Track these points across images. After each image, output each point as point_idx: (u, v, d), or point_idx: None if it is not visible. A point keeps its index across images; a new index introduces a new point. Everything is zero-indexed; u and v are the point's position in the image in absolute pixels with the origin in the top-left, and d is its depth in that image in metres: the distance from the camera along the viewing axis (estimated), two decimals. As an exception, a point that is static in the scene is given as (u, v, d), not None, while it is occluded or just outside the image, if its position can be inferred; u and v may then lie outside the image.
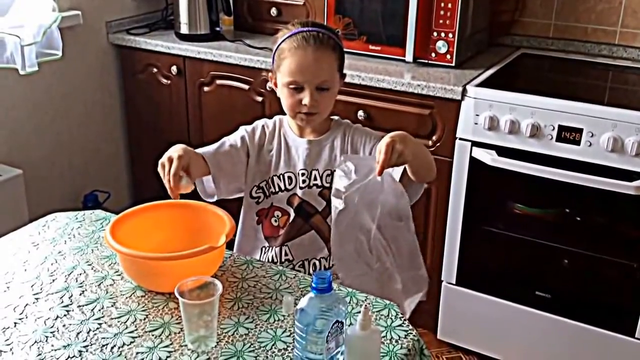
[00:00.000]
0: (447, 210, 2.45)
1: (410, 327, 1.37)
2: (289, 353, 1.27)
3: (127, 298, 1.44)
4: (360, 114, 2.50)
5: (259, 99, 2.76)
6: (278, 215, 1.78)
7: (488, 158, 2.27)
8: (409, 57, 2.55)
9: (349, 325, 1.28)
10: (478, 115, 2.28)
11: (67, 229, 1.73)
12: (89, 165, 3.11)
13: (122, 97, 3.18)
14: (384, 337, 1.32)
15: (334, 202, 1.53)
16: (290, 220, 1.77)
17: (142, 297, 1.44)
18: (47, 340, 1.30)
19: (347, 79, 1.81)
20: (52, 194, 2.91)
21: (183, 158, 1.53)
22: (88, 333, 1.33)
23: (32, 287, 1.48)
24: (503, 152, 2.26)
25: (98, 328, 1.34)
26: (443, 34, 2.48)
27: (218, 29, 2.98)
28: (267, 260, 1.77)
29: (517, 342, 2.48)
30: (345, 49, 1.77)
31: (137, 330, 1.33)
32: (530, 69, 2.71)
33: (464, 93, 2.31)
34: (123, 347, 1.29)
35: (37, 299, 1.43)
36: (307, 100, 1.66)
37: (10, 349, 1.28)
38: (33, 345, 1.29)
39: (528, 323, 2.42)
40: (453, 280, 2.52)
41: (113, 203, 3.08)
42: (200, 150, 1.71)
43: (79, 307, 1.41)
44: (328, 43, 1.68)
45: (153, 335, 1.32)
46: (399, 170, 1.60)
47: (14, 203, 2.47)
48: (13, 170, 2.51)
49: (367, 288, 1.50)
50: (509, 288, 2.45)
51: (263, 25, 3.04)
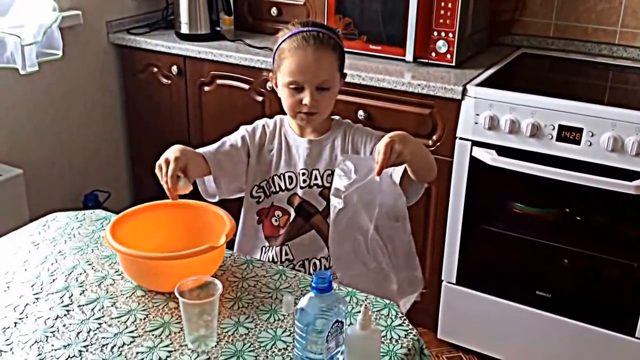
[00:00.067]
0: (447, 210, 2.45)
1: (411, 326, 1.37)
2: (289, 353, 1.27)
3: (127, 298, 1.44)
4: (361, 114, 2.50)
5: (259, 99, 2.76)
6: (278, 215, 1.78)
7: (488, 158, 2.27)
8: (409, 56, 2.55)
9: (349, 325, 1.28)
10: (478, 115, 2.28)
11: (67, 229, 1.73)
12: (89, 165, 3.11)
13: (122, 96, 3.18)
14: (384, 336, 1.32)
15: (333, 201, 1.53)
16: (291, 220, 1.77)
17: (142, 296, 1.45)
18: (47, 340, 1.30)
19: (347, 79, 1.81)
20: (52, 194, 2.91)
21: (180, 159, 1.52)
22: (88, 333, 1.33)
23: (32, 286, 1.48)
24: (503, 151, 2.26)
25: (98, 328, 1.34)
26: (443, 34, 2.48)
27: (218, 29, 2.98)
28: (267, 260, 1.77)
29: (517, 341, 2.48)
30: (346, 49, 1.76)
31: (137, 330, 1.34)
32: (531, 69, 2.71)
33: (464, 93, 2.31)
34: (123, 346, 1.29)
35: (37, 299, 1.43)
36: (307, 100, 1.66)
37: (11, 349, 1.28)
38: (33, 345, 1.29)
39: (528, 323, 2.42)
40: (453, 280, 2.52)
41: (113, 203, 3.09)
42: (201, 150, 1.71)
43: (79, 306, 1.41)
44: (328, 43, 1.68)
45: (153, 335, 1.32)
46: (400, 170, 1.60)
47: (15, 203, 2.47)
48: (13, 170, 2.51)
49: (363, 287, 1.50)
50: (509, 288, 2.45)
51: (263, 25, 3.04)
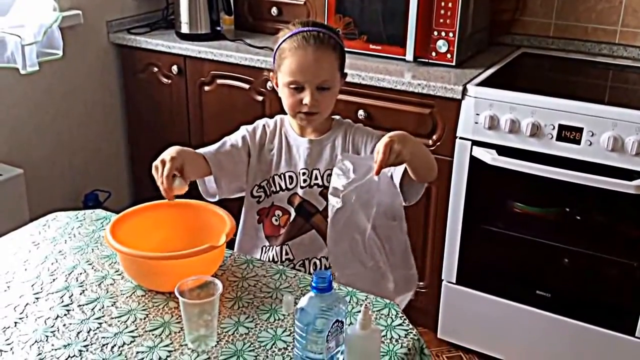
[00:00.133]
0: (447, 210, 2.45)
1: (411, 326, 1.37)
2: (289, 352, 1.28)
3: (127, 297, 1.44)
4: (361, 114, 2.50)
5: (260, 99, 2.76)
6: (279, 215, 1.78)
7: (488, 157, 2.27)
8: (410, 56, 2.55)
9: (349, 325, 1.28)
10: (478, 115, 2.28)
11: (67, 229, 1.73)
12: (90, 165, 3.11)
13: (122, 96, 3.18)
14: (384, 336, 1.33)
15: (331, 200, 1.53)
16: (291, 220, 1.77)
17: (142, 296, 1.45)
18: (47, 340, 1.31)
19: (347, 79, 1.81)
20: (52, 194, 2.91)
21: (176, 160, 1.52)
22: (88, 332, 1.33)
23: (32, 286, 1.48)
24: (503, 151, 2.26)
25: (98, 327, 1.34)
26: (443, 33, 2.48)
27: (219, 29, 2.98)
28: (267, 260, 1.77)
29: (517, 341, 2.49)
30: (346, 49, 1.76)
31: (137, 330, 1.34)
32: (531, 68, 2.71)
33: (465, 92, 2.31)
34: (123, 346, 1.29)
35: (37, 299, 1.43)
36: (307, 100, 1.66)
37: (11, 349, 1.28)
38: (33, 345, 1.29)
39: (528, 322, 2.42)
40: (453, 280, 2.52)
41: (113, 202, 3.09)
42: (201, 150, 1.71)
43: (79, 306, 1.41)
44: (329, 43, 1.68)
45: (153, 335, 1.32)
46: (400, 170, 1.60)
47: (15, 202, 2.47)
48: (14, 170, 2.51)
49: (360, 286, 1.50)
50: (509, 287, 2.45)
51: (264, 25, 3.04)
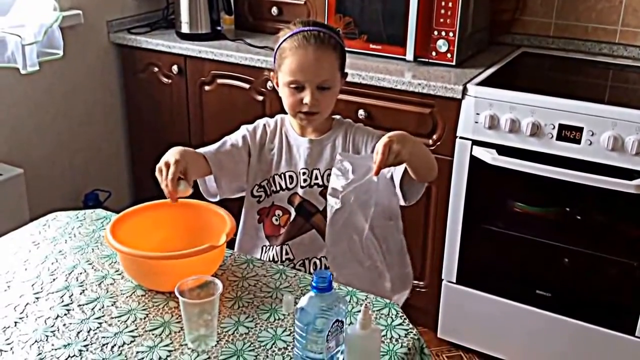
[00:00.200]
0: (447, 209, 2.45)
1: (411, 326, 1.37)
2: (289, 352, 1.28)
3: (127, 297, 1.44)
4: (361, 113, 2.50)
5: (260, 98, 2.76)
6: (279, 214, 1.78)
7: (488, 157, 2.27)
8: (410, 56, 2.55)
9: (349, 325, 1.28)
10: (478, 114, 2.28)
11: (67, 228, 1.73)
12: (90, 165, 3.11)
13: (123, 96, 3.18)
14: (384, 336, 1.33)
15: (330, 201, 1.54)
16: (291, 220, 1.77)
17: (142, 296, 1.45)
18: (47, 340, 1.31)
19: (347, 78, 1.81)
20: (52, 193, 2.91)
21: (180, 162, 1.51)
22: (88, 332, 1.33)
23: (32, 286, 1.48)
24: (503, 150, 2.26)
25: (98, 327, 1.34)
26: (444, 33, 2.48)
27: (219, 28, 2.98)
28: (267, 259, 1.77)
29: (517, 340, 2.49)
30: (346, 48, 1.76)
31: (137, 330, 1.34)
32: (531, 68, 2.71)
33: (465, 92, 2.31)
34: (123, 346, 1.29)
35: (37, 298, 1.44)
36: (308, 100, 1.66)
37: (11, 348, 1.28)
38: (33, 345, 1.29)
39: (528, 322, 2.42)
40: (453, 279, 2.52)
41: (114, 202, 3.09)
42: (202, 150, 1.71)
43: (80, 306, 1.41)
44: (329, 42, 1.68)
45: (153, 335, 1.32)
46: (400, 170, 1.60)
47: (15, 202, 2.47)
48: (14, 170, 2.51)
49: (357, 286, 1.50)
50: (509, 287, 2.45)
51: (264, 25, 3.04)
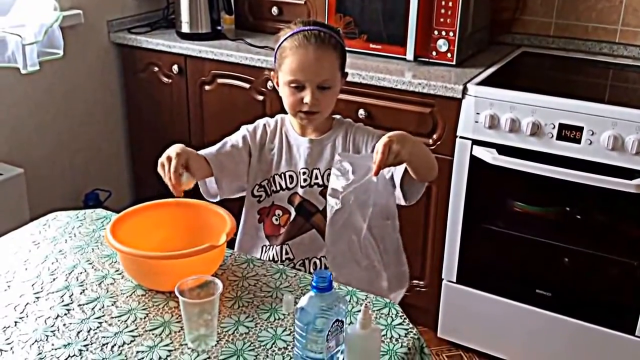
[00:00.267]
0: (447, 209, 2.45)
1: (411, 325, 1.37)
2: (289, 352, 1.28)
3: (127, 297, 1.44)
4: (361, 113, 2.50)
5: (260, 98, 2.76)
6: (279, 214, 1.79)
7: (488, 156, 2.27)
8: (410, 55, 2.55)
9: (349, 324, 1.28)
10: (479, 114, 2.28)
11: (67, 228, 1.73)
12: (90, 164, 3.11)
13: (123, 96, 3.18)
14: (384, 335, 1.33)
15: (330, 201, 1.54)
16: (291, 219, 1.77)
17: (142, 296, 1.45)
18: (47, 339, 1.31)
19: (348, 78, 1.81)
20: (53, 193, 2.91)
21: (182, 155, 1.53)
22: (88, 332, 1.33)
23: (32, 286, 1.48)
24: (503, 150, 2.26)
25: (98, 327, 1.34)
26: (444, 33, 2.48)
27: (219, 28, 2.98)
28: (267, 259, 1.77)
29: (517, 340, 2.49)
30: (346, 48, 1.76)
31: (137, 329, 1.34)
32: (531, 68, 2.71)
33: (465, 91, 2.31)
34: (123, 346, 1.29)
35: (37, 298, 1.44)
36: (308, 99, 1.66)
37: (11, 348, 1.28)
38: (33, 345, 1.29)
39: (528, 321, 2.42)
40: (453, 279, 2.52)
41: (114, 202, 3.09)
42: (202, 152, 1.71)
43: (80, 306, 1.41)
44: (329, 42, 1.68)
45: (153, 334, 1.32)
46: (400, 170, 1.60)
47: (15, 202, 2.47)
48: (14, 169, 2.51)
49: (355, 286, 1.50)
50: (510, 286, 2.45)
51: (264, 24, 3.04)
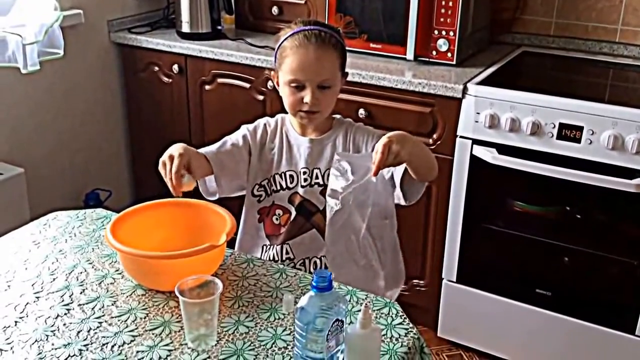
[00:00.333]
0: (447, 208, 2.45)
1: (411, 325, 1.37)
2: (289, 351, 1.28)
3: (127, 297, 1.44)
4: (361, 112, 2.50)
5: (260, 98, 2.76)
6: (279, 214, 1.78)
7: (489, 156, 2.27)
8: (410, 55, 2.55)
9: (349, 324, 1.28)
10: (479, 114, 2.28)
11: (68, 228, 1.73)
12: (90, 164, 3.12)
13: (123, 95, 3.18)
14: (384, 335, 1.33)
15: (330, 202, 1.54)
16: (292, 219, 1.77)
17: (142, 295, 1.45)
18: (47, 339, 1.31)
19: (348, 78, 1.80)
20: (53, 193, 2.91)
21: (184, 156, 1.53)
22: (88, 332, 1.33)
23: (32, 285, 1.48)
24: (504, 150, 2.26)
25: (98, 327, 1.34)
26: (444, 32, 2.48)
27: (219, 28, 2.98)
28: (268, 259, 1.77)
29: (517, 339, 2.49)
30: (346, 48, 1.76)
31: (137, 329, 1.34)
32: (531, 67, 2.71)
33: (465, 91, 2.31)
34: (123, 345, 1.29)
35: (37, 298, 1.44)
36: (308, 99, 1.66)
37: (11, 348, 1.28)
38: (34, 344, 1.29)
39: (528, 321, 2.42)
40: (453, 278, 2.52)
41: (114, 201, 3.09)
42: (202, 150, 1.71)
43: (80, 305, 1.41)
44: (330, 41, 1.68)
45: (153, 334, 1.32)
46: (400, 169, 1.60)
47: (16, 201, 2.47)
48: (14, 169, 2.51)
49: (353, 285, 1.50)
50: (510, 286, 2.45)
51: (264, 24, 3.04)
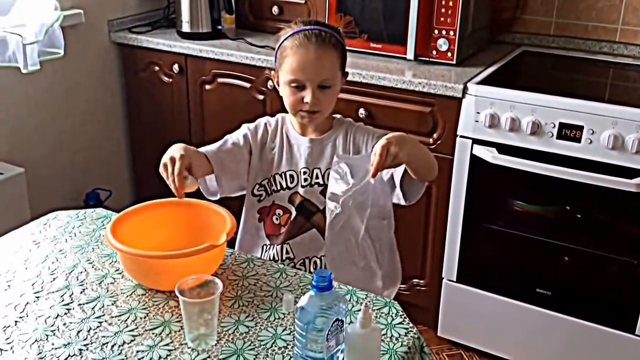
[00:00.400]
0: (447, 208, 2.45)
1: (411, 324, 1.37)
2: (289, 351, 1.28)
3: (127, 296, 1.44)
4: (362, 112, 2.50)
5: (260, 97, 2.76)
6: (279, 214, 1.79)
7: (489, 155, 2.27)
8: (410, 55, 2.55)
9: (349, 324, 1.28)
10: (479, 113, 2.28)
11: (68, 227, 1.73)
12: (91, 164, 3.12)
13: (123, 95, 3.18)
14: (384, 335, 1.33)
15: (329, 205, 1.54)
16: (292, 219, 1.77)
17: (142, 295, 1.45)
18: (47, 339, 1.31)
19: (348, 77, 1.80)
20: (53, 192, 2.91)
21: (185, 157, 1.52)
22: (88, 331, 1.33)
23: (33, 285, 1.48)
24: (504, 149, 2.26)
25: (98, 326, 1.35)
26: (444, 32, 2.48)
27: (220, 27, 2.98)
28: (268, 259, 1.77)
29: (517, 339, 2.49)
30: (347, 47, 1.76)
31: (137, 329, 1.34)
32: (531, 67, 2.71)
33: (465, 91, 2.31)
34: (123, 345, 1.29)
35: (37, 298, 1.44)
36: (308, 99, 1.66)
37: (11, 348, 1.29)
38: (34, 344, 1.29)
39: (528, 320, 2.42)
40: (454, 278, 2.52)
41: (114, 201, 3.09)
42: (203, 149, 1.71)
43: (80, 305, 1.41)
44: (330, 41, 1.68)
45: (153, 334, 1.32)
46: (400, 170, 1.61)
47: (16, 201, 2.47)
48: (15, 169, 2.51)
49: (351, 286, 1.50)
50: (510, 285, 2.45)
51: (264, 24, 3.04)
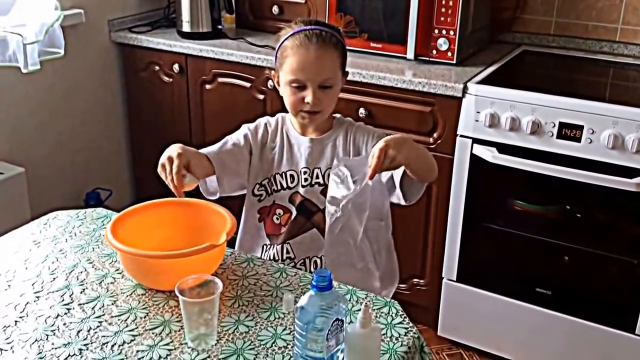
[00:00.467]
0: (447, 207, 2.45)
1: (411, 324, 1.37)
2: (289, 351, 1.28)
3: (127, 296, 1.44)
4: (362, 112, 2.50)
5: (261, 97, 2.76)
6: (280, 213, 1.79)
7: (489, 155, 2.27)
8: (410, 54, 2.55)
9: (349, 323, 1.28)
10: (479, 113, 2.28)
11: (68, 227, 1.73)
12: (91, 163, 3.12)
13: (124, 95, 3.18)
14: (384, 334, 1.33)
15: (330, 208, 1.54)
16: (292, 219, 1.77)
17: (142, 295, 1.45)
18: (47, 339, 1.31)
19: (348, 77, 1.80)
20: (53, 192, 2.91)
21: (182, 156, 1.53)
22: (88, 331, 1.33)
23: (33, 285, 1.48)
24: (504, 149, 2.26)
25: (98, 326, 1.35)
26: (444, 32, 2.48)
27: (220, 27, 2.98)
28: (268, 258, 1.77)
29: (517, 338, 2.49)
30: (347, 47, 1.76)
31: (137, 329, 1.34)
32: (531, 66, 2.71)
33: (465, 90, 2.31)
34: (123, 345, 1.29)
35: (38, 297, 1.44)
36: (309, 99, 1.66)
37: (11, 348, 1.29)
38: (34, 344, 1.30)
39: (528, 320, 2.42)
40: (454, 277, 2.52)
41: (115, 201, 3.09)
42: (204, 151, 1.71)
43: (80, 305, 1.41)
44: (330, 41, 1.68)
45: (153, 334, 1.33)
46: (400, 171, 1.61)
47: (16, 201, 2.47)
48: (15, 169, 2.51)
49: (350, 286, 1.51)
50: (510, 285, 2.45)
51: (265, 23, 3.04)
